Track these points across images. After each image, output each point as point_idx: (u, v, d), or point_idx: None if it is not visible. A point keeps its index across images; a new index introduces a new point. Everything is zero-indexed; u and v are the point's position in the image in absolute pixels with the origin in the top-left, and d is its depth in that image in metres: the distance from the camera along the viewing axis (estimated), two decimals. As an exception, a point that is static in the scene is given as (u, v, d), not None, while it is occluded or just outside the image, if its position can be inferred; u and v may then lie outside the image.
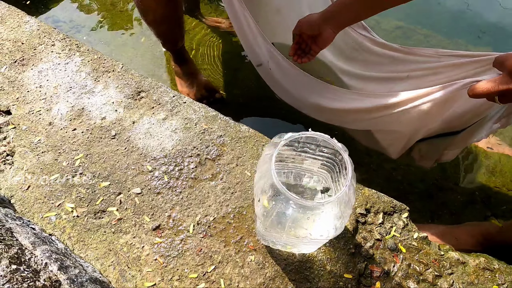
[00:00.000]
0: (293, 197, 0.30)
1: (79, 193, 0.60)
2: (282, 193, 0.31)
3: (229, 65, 1.08)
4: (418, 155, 0.76)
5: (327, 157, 0.43)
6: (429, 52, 0.63)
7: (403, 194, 0.81)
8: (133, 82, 0.76)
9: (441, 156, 0.73)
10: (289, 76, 0.70)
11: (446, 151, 0.71)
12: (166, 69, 1.05)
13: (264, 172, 0.35)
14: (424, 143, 0.72)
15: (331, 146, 0.37)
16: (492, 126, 0.63)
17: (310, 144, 0.41)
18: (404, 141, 0.68)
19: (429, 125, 0.61)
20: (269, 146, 0.36)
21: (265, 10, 0.85)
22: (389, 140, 0.70)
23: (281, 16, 0.85)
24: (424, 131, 0.63)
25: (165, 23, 0.76)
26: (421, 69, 0.63)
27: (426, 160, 0.75)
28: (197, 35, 1.13)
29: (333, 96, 0.67)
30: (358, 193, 0.61)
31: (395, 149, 0.70)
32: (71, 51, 0.81)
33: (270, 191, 0.34)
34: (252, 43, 0.70)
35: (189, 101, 0.73)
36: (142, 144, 0.66)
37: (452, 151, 0.71)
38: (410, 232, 0.58)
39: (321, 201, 0.30)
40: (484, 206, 0.79)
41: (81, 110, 0.71)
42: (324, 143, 0.37)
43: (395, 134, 0.67)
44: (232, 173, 0.63)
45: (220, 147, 0.66)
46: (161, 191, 0.61)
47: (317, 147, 0.42)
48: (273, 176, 0.32)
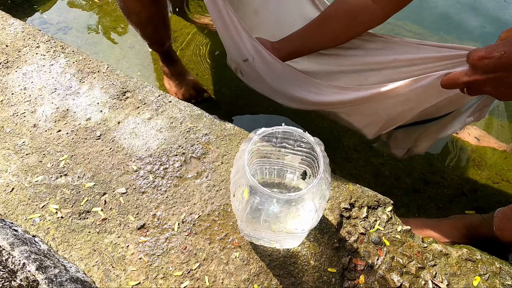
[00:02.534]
0: (265, 190, 0.31)
1: (64, 194, 0.60)
2: (255, 187, 0.31)
3: (218, 64, 1.08)
4: (393, 143, 0.77)
5: (306, 151, 0.43)
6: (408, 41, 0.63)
7: (391, 189, 0.82)
8: (118, 83, 0.76)
9: (413, 147, 0.74)
10: (275, 71, 0.70)
11: (419, 142, 0.72)
12: (154, 69, 1.05)
13: (239, 167, 0.35)
14: (400, 131, 0.72)
15: (306, 140, 0.37)
16: (465, 120, 0.64)
17: (288, 140, 0.41)
18: (381, 124, 0.69)
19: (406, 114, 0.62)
20: (245, 142, 0.37)
21: (243, 10, 0.85)
22: (366, 122, 0.72)
23: (259, 17, 0.85)
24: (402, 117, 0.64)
25: (150, 24, 0.76)
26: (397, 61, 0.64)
27: (399, 148, 0.76)
28: (185, 34, 1.13)
29: (316, 90, 0.68)
30: (342, 188, 0.62)
31: (371, 130, 0.72)
32: (56, 52, 0.81)
33: (245, 185, 0.34)
34: (236, 40, 0.70)
35: (175, 100, 0.73)
36: (127, 144, 0.66)
37: (424, 143, 0.72)
38: (394, 226, 0.59)
39: (293, 194, 0.31)
40: (470, 199, 0.80)
41: (66, 112, 0.71)
42: (300, 137, 0.37)
43: (373, 116, 0.68)
44: (217, 171, 0.63)
45: (206, 145, 0.66)
46: (146, 190, 0.61)
47: (295, 142, 0.42)
48: (246, 171, 0.32)
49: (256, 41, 0.68)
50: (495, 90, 0.43)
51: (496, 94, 0.44)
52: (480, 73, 0.43)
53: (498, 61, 0.41)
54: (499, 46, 0.41)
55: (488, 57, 0.42)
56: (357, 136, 0.91)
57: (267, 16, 0.84)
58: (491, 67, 0.42)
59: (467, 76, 0.44)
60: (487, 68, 0.42)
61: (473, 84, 0.44)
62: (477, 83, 0.44)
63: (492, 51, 0.42)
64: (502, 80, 0.42)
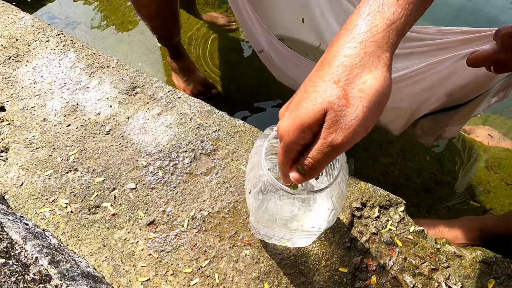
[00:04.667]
0: (283, 188, 0.30)
1: (73, 188, 0.60)
2: (273, 184, 0.30)
3: (226, 60, 1.07)
4: (420, 131, 0.75)
5: (321, 149, 0.42)
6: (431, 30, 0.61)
7: (400, 189, 0.81)
8: (127, 78, 0.75)
9: (443, 133, 0.73)
10: (289, 62, 0.69)
11: (449, 127, 0.70)
12: (162, 64, 1.05)
13: (255, 164, 0.34)
14: (427, 119, 0.71)
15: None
16: (490, 100, 0.63)
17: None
18: (407, 117, 0.67)
19: (432, 98, 0.60)
20: (260, 138, 0.36)
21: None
22: (392, 117, 0.69)
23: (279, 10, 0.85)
24: (427, 105, 0.63)
25: (160, 18, 0.76)
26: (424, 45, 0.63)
27: (428, 136, 0.74)
28: (193, 30, 1.12)
29: None
30: (354, 187, 0.61)
31: (397, 125, 0.69)
32: (66, 47, 0.81)
33: (261, 182, 0.33)
34: (253, 32, 0.70)
35: (184, 96, 0.73)
36: (136, 139, 0.66)
37: (454, 127, 0.70)
38: (406, 226, 0.58)
39: (312, 192, 0.30)
40: (483, 200, 0.79)
41: (76, 106, 0.70)
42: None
43: (397, 110, 0.66)
44: (227, 167, 0.63)
45: (215, 142, 0.66)
46: (156, 186, 0.60)
47: (310, 139, 0.41)
48: (263, 167, 0.31)
49: (270, 33, 0.67)
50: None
51: None
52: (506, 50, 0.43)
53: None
54: None
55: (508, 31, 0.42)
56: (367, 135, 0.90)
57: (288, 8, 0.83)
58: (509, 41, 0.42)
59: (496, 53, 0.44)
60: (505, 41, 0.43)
61: (503, 61, 0.44)
62: (506, 59, 0.44)
63: None
64: None
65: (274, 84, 1.00)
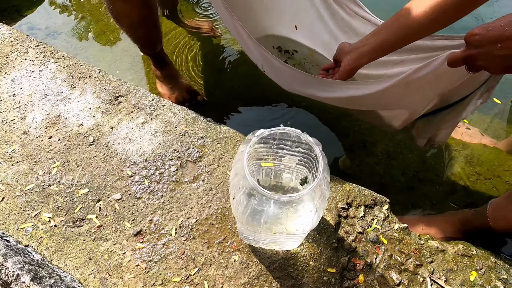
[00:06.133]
0: (266, 192, 0.31)
1: (57, 202, 0.58)
2: (255, 188, 0.31)
3: (211, 66, 1.07)
4: (416, 132, 0.78)
5: (304, 152, 0.43)
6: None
7: (386, 188, 0.83)
8: (110, 87, 0.75)
9: (433, 136, 0.76)
10: (284, 74, 0.71)
11: (439, 130, 0.74)
12: (146, 73, 1.04)
13: (238, 169, 0.35)
14: (422, 121, 0.74)
15: (305, 141, 0.37)
16: (476, 102, 0.66)
17: (285, 141, 0.41)
18: (406, 116, 0.70)
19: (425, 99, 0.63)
20: (243, 144, 0.36)
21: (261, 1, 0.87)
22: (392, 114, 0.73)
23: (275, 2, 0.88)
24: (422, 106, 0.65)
25: (141, 27, 0.75)
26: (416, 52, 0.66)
27: (421, 138, 0.78)
28: (177, 38, 1.12)
29: (329, 88, 0.68)
30: (339, 188, 0.62)
31: (398, 122, 0.73)
32: (46, 57, 0.80)
33: (244, 187, 0.34)
34: (245, 48, 0.72)
35: (169, 104, 0.73)
36: (121, 149, 0.65)
37: (446, 129, 0.74)
38: (391, 224, 0.59)
39: (294, 195, 0.31)
40: (464, 195, 0.81)
41: (57, 118, 0.69)
42: (298, 138, 0.37)
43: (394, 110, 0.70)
44: (214, 174, 0.63)
45: (201, 148, 0.66)
46: (142, 195, 0.60)
47: (293, 143, 0.42)
48: (245, 173, 0.32)
49: (263, 48, 0.68)
50: (486, 63, 0.47)
51: (488, 67, 0.47)
52: (472, 48, 0.46)
53: (485, 36, 0.44)
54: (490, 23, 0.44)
55: (478, 33, 0.45)
56: (351, 136, 0.92)
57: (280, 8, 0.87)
58: (479, 42, 0.45)
59: (464, 52, 0.48)
60: (477, 43, 0.46)
61: (468, 59, 0.47)
62: (471, 57, 0.47)
63: (482, 28, 0.45)
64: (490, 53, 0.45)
65: (259, 89, 1.01)
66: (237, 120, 0.95)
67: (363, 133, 0.92)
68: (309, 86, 0.71)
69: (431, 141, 0.76)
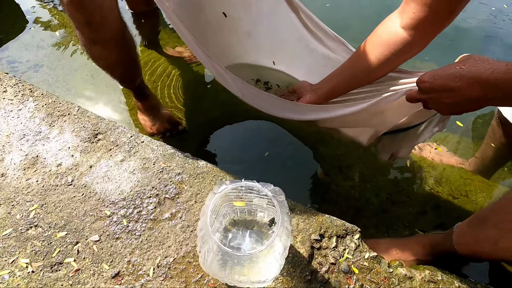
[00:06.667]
0: (226, 250, 0.33)
1: (34, 246, 0.59)
2: (219, 247, 0.33)
3: (192, 94, 1.10)
4: (381, 147, 0.85)
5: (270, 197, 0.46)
6: None
7: (361, 211, 0.86)
8: (89, 125, 0.76)
9: (396, 152, 0.82)
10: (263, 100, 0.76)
11: (401, 148, 0.80)
12: (128, 103, 1.06)
13: (203, 224, 0.37)
14: (386, 137, 0.80)
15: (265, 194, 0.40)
16: (433, 130, 0.72)
17: (251, 190, 0.44)
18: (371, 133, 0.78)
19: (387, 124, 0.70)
20: (209, 196, 0.39)
21: (237, 33, 0.92)
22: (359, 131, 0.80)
23: (252, 38, 0.92)
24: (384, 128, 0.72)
25: (118, 67, 0.78)
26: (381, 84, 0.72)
27: (384, 153, 0.85)
28: (157, 66, 1.15)
29: (304, 111, 0.73)
30: (312, 220, 0.65)
31: (364, 139, 0.80)
32: (24, 96, 0.81)
33: (209, 242, 0.36)
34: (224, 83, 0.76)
35: (147, 140, 0.75)
36: (100, 188, 0.67)
37: (404, 148, 0.80)
38: (362, 253, 0.62)
39: (252, 251, 0.33)
40: (434, 216, 0.85)
41: (36, 158, 0.70)
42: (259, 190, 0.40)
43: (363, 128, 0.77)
44: (191, 210, 0.65)
45: (179, 185, 0.68)
46: (120, 236, 0.61)
47: (259, 191, 0.45)
48: (209, 232, 0.34)
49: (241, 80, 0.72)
50: (435, 107, 0.52)
51: (437, 110, 0.53)
52: (423, 93, 0.52)
53: (433, 84, 0.50)
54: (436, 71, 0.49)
55: (426, 81, 0.51)
56: (328, 161, 0.95)
57: (261, 36, 0.92)
58: (428, 89, 0.51)
59: (417, 94, 0.54)
60: (426, 90, 0.51)
61: (421, 100, 0.53)
62: (422, 100, 0.53)
63: (430, 76, 0.50)
64: (438, 100, 0.50)
65: (239, 117, 1.05)
66: (217, 149, 0.98)
67: (339, 158, 0.96)
68: (286, 110, 0.75)
69: (394, 156, 0.82)
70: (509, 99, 0.43)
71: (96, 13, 0.58)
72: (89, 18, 0.59)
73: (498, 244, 0.55)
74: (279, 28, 0.89)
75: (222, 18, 0.91)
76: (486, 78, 0.42)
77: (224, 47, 0.95)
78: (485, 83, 0.42)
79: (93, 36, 0.64)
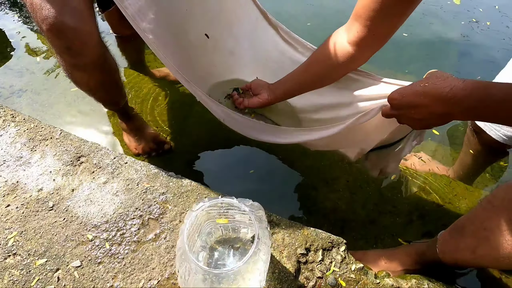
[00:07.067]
0: (203, 268, 0.33)
1: (12, 276, 0.57)
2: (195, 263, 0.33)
3: (178, 114, 1.11)
4: (369, 164, 0.87)
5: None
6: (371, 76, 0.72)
7: (349, 223, 0.86)
8: (72, 148, 0.76)
9: (384, 168, 0.84)
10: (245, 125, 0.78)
11: (388, 163, 0.82)
12: (113, 124, 1.06)
13: (181, 242, 0.37)
14: (373, 153, 0.82)
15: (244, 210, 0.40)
16: (412, 144, 0.74)
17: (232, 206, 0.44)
18: (357, 150, 0.81)
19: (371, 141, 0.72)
20: (187, 215, 0.39)
21: (220, 53, 0.94)
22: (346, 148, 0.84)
23: (235, 56, 0.95)
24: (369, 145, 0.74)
25: (101, 90, 0.78)
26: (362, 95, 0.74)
27: (374, 169, 0.87)
28: (144, 88, 1.16)
29: (285, 135, 0.75)
30: (297, 234, 0.65)
31: (351, 155, 0.84)
32: (6, 122, 0.80)
33: (187, 261, 0.36)
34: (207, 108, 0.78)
35: (131, 160, 0.75)
36: (82, 212, 0.66)
37: (391, 164, 0.82)
38: (348, 265, 0.62)
39: (228, 269, 0.33)
40: (420, 224, 0.86)
41: (16, 184, 0.69)
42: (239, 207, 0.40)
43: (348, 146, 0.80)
44: (176, 230, 0.64)
45: (163, 204, 0.67)
46: (103, 260, 0.60)
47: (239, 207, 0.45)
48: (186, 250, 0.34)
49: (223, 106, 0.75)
50: (406, 122, 0.55)
51: (409, 125, 0.56)
52: (394, 110, 0.55)
53: (401, 101, 0.53)
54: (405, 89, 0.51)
55: (395, 98, 0.53)
56: (314, 173, 0.96)
57: (243, 54, 0.95)
58: (398, 106, 0.54)
59: (390, 111, 0.56)
60: (396, 107, 0.54)
61: (394, 116, 0.56)
62: (395, 116, 0.55)
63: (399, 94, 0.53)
64: (408, 116, 0.53)
65: (224, 135, 1.05)
66: (204, 168, 0.98)
67: (325, 171, 0.97)
68: (267, 134, 0.77)
69: (383, 172, 0.83)
70: (469, 113, 0.45)
71: (75, 39, 0.59)
72: (68, 44, 0.60)
73: (476, 252, 0.55)
74: (261, 44, 0.92)
75: (204, 39, 0.93)
76: (446, 95, 0.44)
77: (208, 66, 0.97)
78: (446, 100, 0.44)
79: (73, 61, 0.65)
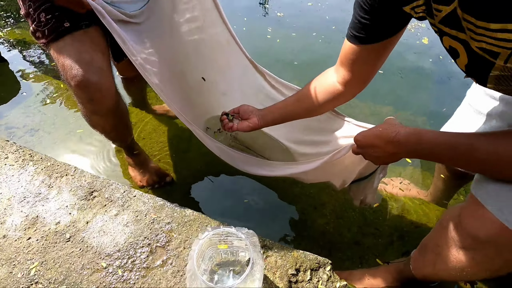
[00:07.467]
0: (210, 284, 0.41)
1: (35, 302, 0.64)
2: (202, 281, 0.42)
3: (178, 148, 1.22)
4: (352, 194, 0.97)
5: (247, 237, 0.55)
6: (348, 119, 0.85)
7: (336, 245, 0.95)
8: (85, 183, 0.85)
9: (364, 198, 0.94)
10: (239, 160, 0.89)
11: (366, 194, 0.92)
12: (120, 159, 1.15)
13: (191, 265, 0.45)
14: (353, 185, 0.93)
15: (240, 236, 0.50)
16: (379, 176, 0.85)
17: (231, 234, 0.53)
18: (340, 182, 0.91)
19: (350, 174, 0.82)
20: (194, 242, 0.48)
21: (214, 93, 1.08)
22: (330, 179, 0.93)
23: (228, 96, 1.08)
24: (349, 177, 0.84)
25: (114, 131, 0.89)
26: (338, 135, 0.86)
27: (356, 199, 0.96)
28: (146, 125, 1.27)
29: (273, 169, 0.86)
30: (288, 256, 0.73)
31: (336, 184, 0.93)
32: (25, 161, 0.89)
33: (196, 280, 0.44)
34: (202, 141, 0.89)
35: (139, 194, 0.84)
36: (96, 242, 0.73)
37: (369, 194, 0.92)
38: (334, 283, 0.70)
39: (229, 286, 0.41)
40: (400, 245, 0.95)
41: (36, 218, 0.77)
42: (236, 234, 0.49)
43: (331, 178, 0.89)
44: (181, 256, 0.72)
45: (168, 233, 0.76)
46: (116, 285, 0.67)
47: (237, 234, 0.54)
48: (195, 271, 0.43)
49: (217, 142, 0.86)
50: (369, 158, 0.66)
51: (372, 161, 0.66)
52: (359, 148, 0.66)
53: (363, 142, 0.64)
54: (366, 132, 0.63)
55: (358, 139, 0.65)
56: (303, 200, 1.06)
57: (234, 94, 1.08)
58: (361, 145, 0.65)
59: (356, 149, 0.67)
60: (359, 146, 0.66)
61: (359, 154, 0.67)
62: (360, 153, 0.66)
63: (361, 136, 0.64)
64: (369, 154, 0.64)
65: (221, 166, 1.16)
66: (202, 198, 1.07)
67: (313, 197, 1.06)
68: (258, 167, 0.87)
69: (363, 202, 0.93)
70: (412, 155, 0.57)
71: (97, 92, 0.71)
72: (91, 96, 0.71)
73: (435, 267, 0.65)
74: (249, 88, 1.05)
75: (201, 82, 1.07)
76: (392, 139, 0.56)
77: (205, 104, 1.10)
78: (393, 143, 0.56)
79: (93, 108, 0.76)
